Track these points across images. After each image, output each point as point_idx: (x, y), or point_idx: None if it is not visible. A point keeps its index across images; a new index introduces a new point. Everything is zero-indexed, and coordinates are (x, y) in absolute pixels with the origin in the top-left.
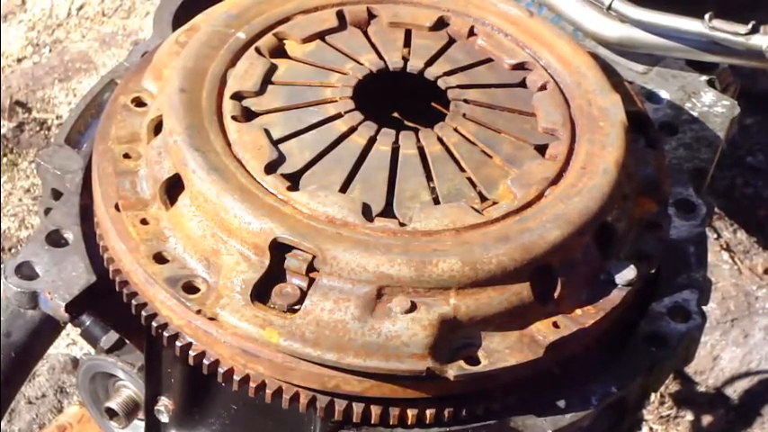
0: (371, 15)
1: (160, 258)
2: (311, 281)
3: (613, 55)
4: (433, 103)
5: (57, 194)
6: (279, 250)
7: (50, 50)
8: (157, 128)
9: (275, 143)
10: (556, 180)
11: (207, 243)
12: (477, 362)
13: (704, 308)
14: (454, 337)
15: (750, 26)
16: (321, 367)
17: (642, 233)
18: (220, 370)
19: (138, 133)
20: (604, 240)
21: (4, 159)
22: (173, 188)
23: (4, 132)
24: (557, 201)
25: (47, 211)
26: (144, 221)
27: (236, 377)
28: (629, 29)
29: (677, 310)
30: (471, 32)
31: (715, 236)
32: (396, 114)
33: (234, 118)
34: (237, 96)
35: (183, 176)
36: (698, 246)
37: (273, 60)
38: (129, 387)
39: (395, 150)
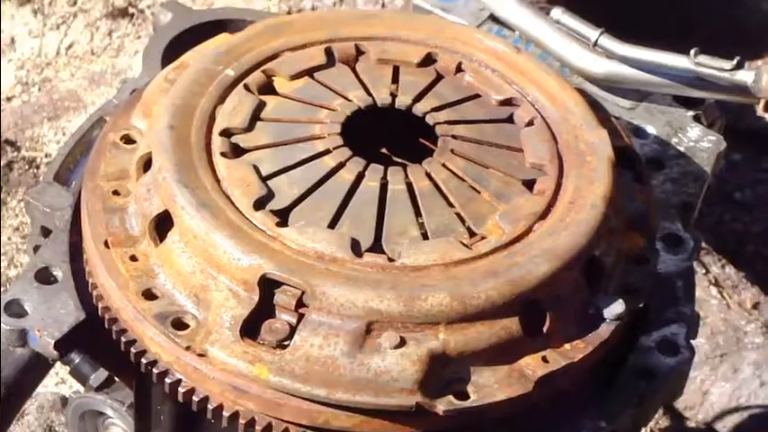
0: (360, 52)
1: (149, 295)
2: (300, 316)
3: (600, 90)
4: (421, 139)
5: (46, 232)
6: (268, 286)
7: (39, 89)
8: (146, 165)
9: (264, 179)
10: (544, 215)
11: (196, 279)
12: (466, 396)
13: (693, 342)
14: (443, 372)
15: (735, 62)
16: (311, 403)
17: (630, 267)
18: (210, 406)
19: (127, 170)
20: (593, 275)
21: None
22: (162, 225)
23: None
24: (545, 235)
25: (36, 248)
26: (133, 258)
27: (226, 413)
28: (615, 65)
29: (666, 343)
30: (459, 68)
31: (703, 271)
32: (384, 150)
33: (223, 154)
34: (226, 133)
35: (172, 213)
36: (686, 280)
37: (262, 97)
38: (119, 425)
39: (383, 186)
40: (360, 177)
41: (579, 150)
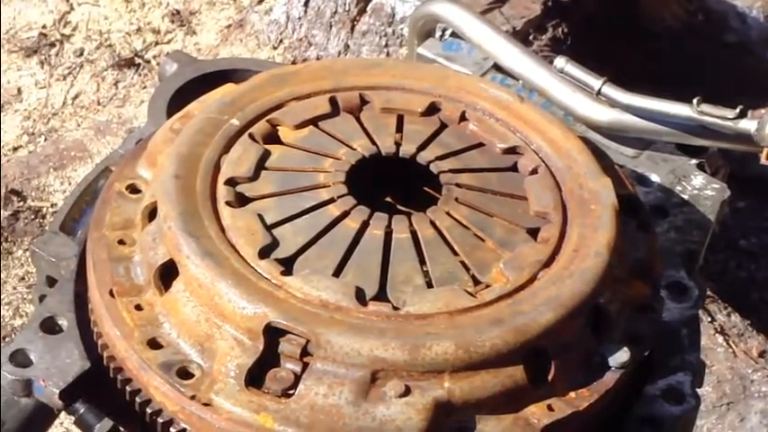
0: (364, 101)
1: (154, 344)
2: (305, 365)
3: (604, 139)
4: (425, 188)
5: (51, 281)
6: (273, 335)
7: (46, 139)
8: (152, 214)
9: (269, 228)
10: (548, 263)
11: (201, 328)
12: None
13: (699, 391)
14: (448, 421)
15: (738, 110)
16: None
17: (635, 316)
18: None
19: (132, 220)
20: (598, 323)
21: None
22: (167, 274)
23: None
24: (549, 284)
25: (41, 297)
26: (138, 307)
27: None
28: (618, 113)
29: (671, 392)
30: (463, 117)
31: (709, 319)
32: (388, 199)
33: (228, 203)
34: (231, 182)
35: (177, 262)
36: (691, 328)
37: (267, 146)
38: None
39: (388, 234)
40: (364, 226)
41: (583, 198)
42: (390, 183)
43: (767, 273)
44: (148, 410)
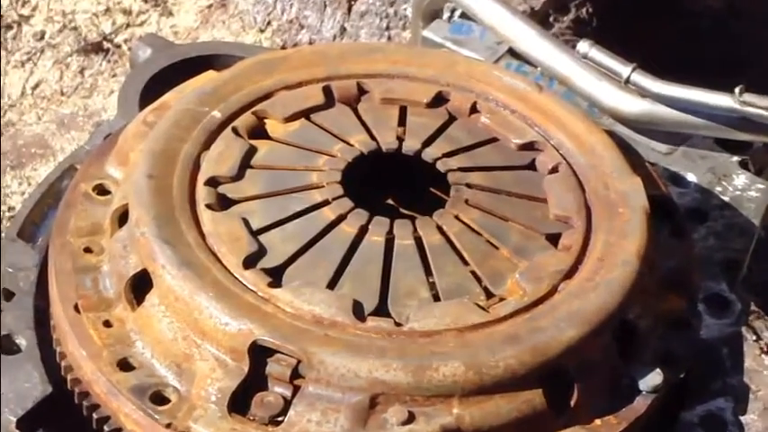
0: (362, 91)
1: (125, 365)
2: (296, 389)
3: (633, 133)
4: (431, 189)
5: (8, 295)
6: (259, 354)
7: (2, 134)
8: (122, 218)
9: (255, 234)
10: (570, 273)
11: (178, 347)
12: None
13: (742, 419)
14: None
15: None
16: None
17: (669, 333)
18: None
19: (100, 225)
20: (626, 341)
21: None
22: (140, 286)
23: None
24: (571, 296)
25: None
26: (107, 324)
27: None
28: (649, 104)
29: (711, 420)
30: (474, 109)
31: (753, 337)
32: (390, 201)
33: (208, 206)
34: (213, 182)
35: (151, 272)
36: (733, 347)
37: (253, 142)
38: None
39: (389, 241)
40: (363, 231)
41: (610, 200)
42: (392, 183)
43: None
44: None
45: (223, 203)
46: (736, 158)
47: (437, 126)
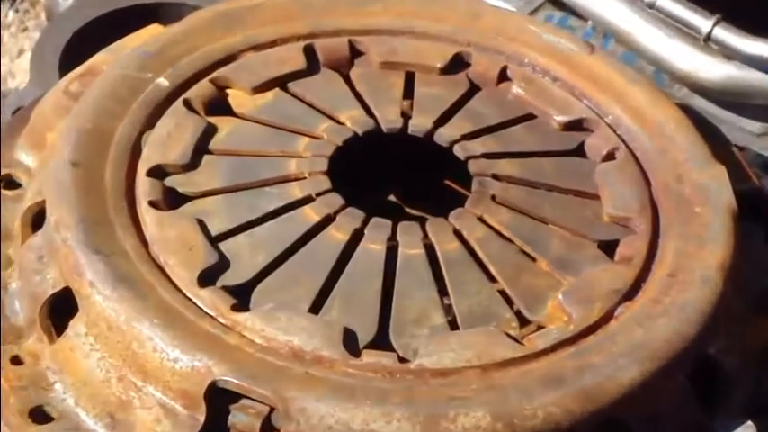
0: (355, 52)
1: (40, 415)
2: None
3: (715, 107)
4: (446, 181)
5: None
6: (220, 400)
7: None
8: (37, 220)
9: (214, 241)
10: (631, 293)
11: (111, 391)
12: None
13: None
14: None
15: None
16: None
17: (763, 372)
18: None
19: (8, 228)
20: (707, 383)
21: None
22: (60, 310)
23: None
24: (633, 324)
25: None
26: (16, 360)
27: None
28: (737, 68)
29: None
30: (503, 76)
31: None
32: (392, 197)
33: (153, 204)
34: (158, 172)
35: (75, 292)
36: None
37: (211, 119)
38: None
39: (391, 250)
40: (356, 237)
41: (683, 197)
42: (395, 174)
43: None
44: None
45: (172, 200)
46: None
47: (454, 99)
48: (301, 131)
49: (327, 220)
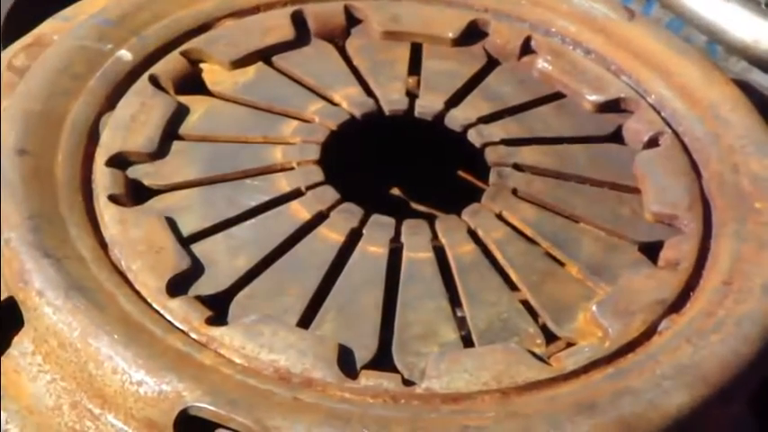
0: (353, 20)
1: None
2: None
3: None
4: (459, 172)
5: None
6: (192, 430)
7: None
8: None
9: (186, 242)
10: (678, 304)
11: (63, 420)
12: None
13: None
14: None
15: None
16: None
17: None
18: None
19: None
20: None
21: None
22: (3, 323)
23: None
24: (680, 341)
25: None
26: None
27: None
28: None
29: None
30: (526, 48)
31: None
32: (395, 191)
33: (113, 199)
34: (120, 161)
35: (21, 303)
36: None
37: (182, 98)
38: None
39: (394, 253)
40: (354, 238)
41: (740, 191)
42: (399, 163)
43: None
44: None
45: (136, 194)
46: None
47: (469, 75)
48: (289, 113)
49: (319, 218)
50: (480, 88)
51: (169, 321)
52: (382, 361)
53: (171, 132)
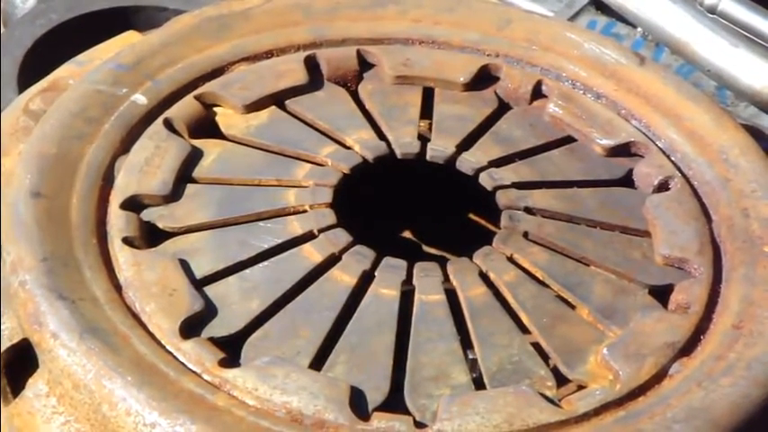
0: (365, 64)
1: None
2: None
3: None
4: (471, 215)
5: None
6: None
7: None
8: None
9: (199, 284)
10: (688, 348)
11: None
12: None
13: None
14: None
15: None
16: None
17: None
18: None
19: None
20: None
21: None
22: (18, 365)
23: None
24: (691, 384)
25: None
26: None
27: None
28: None
29: None
30: (537, 92)
31: None
32: (407, 234)
33: (127, 241)
34: (134, 204)
35: (35, 345)
36: None
37: (196, 142)
38: None
39: (406, 296)
40: (366, 280)
41: (750, 234)
42: (410, 206)
43: None
44: None
45: (150, 237)
46: None
47: (481, 119)
48: (301, 157)
49: (332, 260)
50: (491, 132)
51: (182, 363)
52: (394, 403)
53: (185, 175)
